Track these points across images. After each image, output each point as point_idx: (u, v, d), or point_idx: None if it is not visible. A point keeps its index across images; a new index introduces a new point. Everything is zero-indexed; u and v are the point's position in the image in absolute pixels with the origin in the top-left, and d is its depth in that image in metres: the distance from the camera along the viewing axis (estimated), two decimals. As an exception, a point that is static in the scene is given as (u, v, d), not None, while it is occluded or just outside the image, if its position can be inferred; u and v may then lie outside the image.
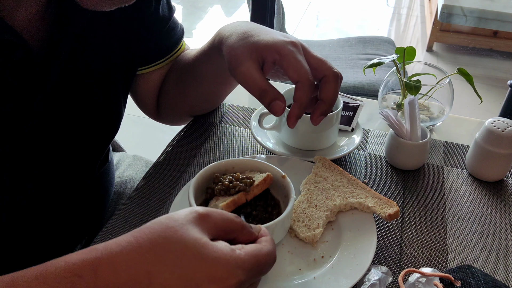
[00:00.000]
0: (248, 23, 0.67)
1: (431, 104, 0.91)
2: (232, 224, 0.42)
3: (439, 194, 0.73)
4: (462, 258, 0.62)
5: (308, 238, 0.60)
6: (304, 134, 0.75)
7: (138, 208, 0.67)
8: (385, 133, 0.85)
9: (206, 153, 0.79)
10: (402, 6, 4.41)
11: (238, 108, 0.91)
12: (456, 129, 0.89)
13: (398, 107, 0.91)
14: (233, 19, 3.62)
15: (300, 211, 0.63)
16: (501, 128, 0.71)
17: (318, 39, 2.45)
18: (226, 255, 0.38)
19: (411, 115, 0.75)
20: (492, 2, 3.00)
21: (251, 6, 1.74)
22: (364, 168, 0.77)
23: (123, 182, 0.94)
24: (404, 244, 0.63)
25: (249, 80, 0.60)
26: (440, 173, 0.77)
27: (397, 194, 0.72)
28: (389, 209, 0.61)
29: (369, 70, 0.92)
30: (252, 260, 0.39)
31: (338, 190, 0.66)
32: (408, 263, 0.61)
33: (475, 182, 0.76)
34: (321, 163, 0.70)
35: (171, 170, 0.75)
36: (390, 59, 0.86)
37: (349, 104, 0.85)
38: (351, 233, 0.61)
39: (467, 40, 3.26)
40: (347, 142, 0.80)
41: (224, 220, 0.41)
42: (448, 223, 0.67)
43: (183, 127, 0.86)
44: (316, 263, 0.58)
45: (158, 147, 0.85)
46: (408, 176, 0.76)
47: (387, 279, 0.55)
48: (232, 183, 0.56)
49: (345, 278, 0.55)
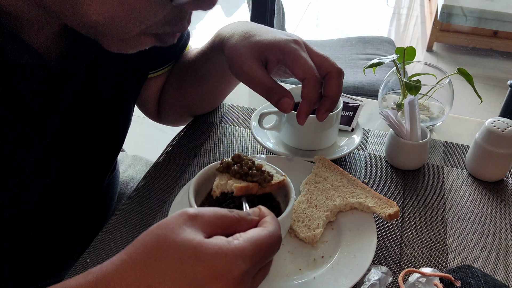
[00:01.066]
0: (248, 23, 0.67)
1: (431, 104, 0.91)
2: (227, 219, 0.40)
3: (439, 194, 0.73)
4: (462, 258, 0.62)
5: (308, 238, 0.60)
6: (304, 134, 0.75)
7: (138, 208, 0.67)
8: (385, 133, 0.85)
9: (206, 153, 0.79)
10: (402, 6, 4.41)
11: (238, 108, 0.91)
12: (456, 129, 0.89)
13: (398, 107, 0.91)
14: (233, 19, 3.62)
15: (300, 211, 0.63)
16: (501, 128, 0.71)
17: (318, 39, 2.45)
18: (223, 248, 0.37)
19: (411, 115, 0.75)
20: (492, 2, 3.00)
21: (251, 6, 1.74)
22: (364, 168, 0.77)
23: (123, 182, 0.94)
24: (404, 244, 0.63)
25: (254, 79, 0.60)
26: (440, 173, 0.77)
27: (397, 194, 0.72)
28: (389, 209, 0.61)
29: (369, 70, 0.92)
30: (252, 246, 0.38)
31: (338, 190, 0.66)
32: (408, 263, 0.61)
33: (475, 182, 0.76)
34: (321, 163, 0.70)
35: (171, 170, 0.75)
36: (390, 59, 0.86)
37: (349, 104, 0.85)
38: (351, 233, 0.61)
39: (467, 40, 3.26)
40: (347, 142, 0.80)
41: (218, 217, 0.40)
42: (448, 223, 0.67)
43: (183, 127, 0.86)
44: (316, 263, 0.58)
45: (158, 147, 0.85)
46: (408, 176, 0.76)
47: (387, 279, 0.55)
48: (251, 170, 0.55)
49: (345, 278, 0.55)
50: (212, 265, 0.36)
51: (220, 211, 0.40)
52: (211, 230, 0.39)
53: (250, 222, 0.41)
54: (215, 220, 0.39)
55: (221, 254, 0.36)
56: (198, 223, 0.38)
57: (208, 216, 0.39)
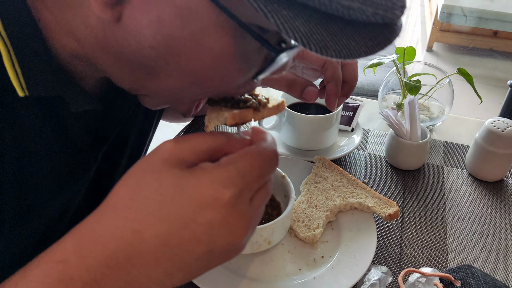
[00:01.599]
0: None
1: (431, 104, 0.91)
2: (215, 140, 0.35)
3: (439, 194, 0.73)
4: (462, 258, 0.62)
5: (308, 238, 0.60)
6: (304, 134, 0.75)
7: (138, 208, 0.67)
8: (385, 133, 0.85)
9: (206, 153, 0.79)
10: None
11: (238, 108, 0.90)
12: (456, 129, 0.89)
13: (398, 107, 0.91)
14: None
15: (300, 211, 0.63)
16: (501, 128, 0.71)
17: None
18: (207, 172, 0.33)
19: (411, 115, 0.75)
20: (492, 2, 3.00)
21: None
22: (364, 168, 0.77)
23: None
24: (404, 244, 0.63)
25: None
26: (440, 173, 0.77)
27: (397, 194, 0.72)
28: (389, 209, 0.61)
29: (369, 70, 0.92)
30: (241, 164, 0.33)
31: (338, 190, 0.66)
32: (408, 263, 0.61)
33: (475, 182, 0.76)
34: (321, 163, 0.70)
35: (171, 170, 0.74)
36: (390, 59, 0.86)
37: (349, 104, 0.85)
38: (351, 233, 0.61)
39: (467, 40, 3.26)
40: (347, 142, 0.80)
41: (204, 139, 0.35)
42: (448, 223, 0.67)
43: (183, 127, 0.86)
44: (316, 263, 0.58)
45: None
46: (408, 176, 0.76)
47: (387, 279, 0.55)
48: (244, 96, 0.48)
49: (345, 278, 0.55)
50: (197, 194, 0.32)
51: (204, 134, 0.36)
52: (196, 157, 0.34)
53: (241, 142, 0.37)
54: (198, 144, 0.34)
55: (206, 179, 0.32)
56: (179, 152, 0.34)
57: (190, 141, 0.35)
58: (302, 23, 0.31)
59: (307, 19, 0.31)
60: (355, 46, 0.32)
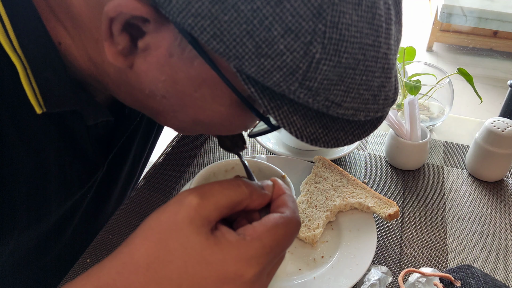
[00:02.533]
0: None
1: (431, 104, 0.91)
2: (237, 195, 0.35)
3: (439, 194, 0.73)
4: (462, 258, 0.62)
5: (308, 238, 0.60)
6: (304, 134, 0.75)
7: (138, 208, 0.67)
8: (385, 133, 0.85)
9: (206, 153, 0.79)
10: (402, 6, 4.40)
11: (238, 108, 0.91)
12: (456, 129, 0.89)
13: (398, 107, 0.91)
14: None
15: (300, 211, 0.63)
16: (501, 128, 0.71)
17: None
18: (234, 248, 0.32)
19: (411, 115, 0.75)
20: (492, 2, 3.00)
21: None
22: (364, 168, 0.77)
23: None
24: (404, 244, 0.63)
25: None
26: (440, 173, 0.77)
27: (397, 194, 0.72)
28: (389, 209, 0.61)
29: (369, 70, 0.92)
30: (268, 240, 0.33)
31: (338, 190, 0.66)
32: (408, 263, 0.61)
33: (475, 182, 0.76)
34: (321, 163, 0.70)
35: (171, 170, 0.75)
36: (390, 59, 0.86)
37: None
38: (351, 233, 0.61)
39: (467, 40, 3.26)
40: (347, 142, 0.80)
41: (227, 195, 0.34)
42: (448, 223, 0.67)
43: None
44: (316, 263, 0.58)
45: (158, 147, 0.85)
46: (408, 176, 0.76)
47: (387, 279, 0.55)
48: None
49: (345, 278, 0.55)
50: (221, 270, 0.32)
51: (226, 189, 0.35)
52: (218, 213, 0.34)
53: (263, 197, 0.37)
54: (222, 200, 0.34)
55: (231, 256, 0.32)
56: (204, 210, 0.34)
57: (213, 196, 0.34)
58: (298, 118, 0.34)
59: (304, 113, 0.34)
60: (343, 136, 0.36)
